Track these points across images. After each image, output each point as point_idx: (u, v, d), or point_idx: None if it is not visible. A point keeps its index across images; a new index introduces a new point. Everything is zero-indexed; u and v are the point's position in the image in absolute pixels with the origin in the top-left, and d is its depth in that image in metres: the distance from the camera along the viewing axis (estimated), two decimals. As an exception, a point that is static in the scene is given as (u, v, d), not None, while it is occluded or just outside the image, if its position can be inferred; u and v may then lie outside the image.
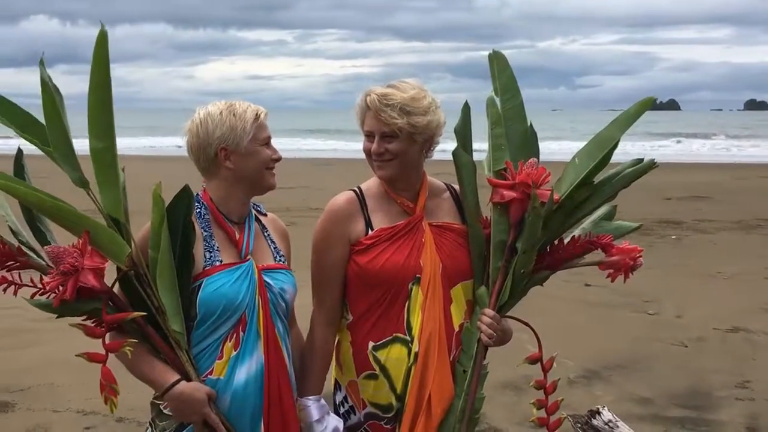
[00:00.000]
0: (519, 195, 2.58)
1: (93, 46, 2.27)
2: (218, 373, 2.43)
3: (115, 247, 2.32)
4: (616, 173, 2.63)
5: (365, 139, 2.66)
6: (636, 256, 2.57)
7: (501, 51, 2.76)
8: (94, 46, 2.26)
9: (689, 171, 23.26)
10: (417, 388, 2.60)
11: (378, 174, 2.67)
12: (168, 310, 2.35)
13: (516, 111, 2.70)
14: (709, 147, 37.20)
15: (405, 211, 2.68)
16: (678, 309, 8.12)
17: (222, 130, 2.46)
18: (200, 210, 2.53)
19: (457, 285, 2.67)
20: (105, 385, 2.31)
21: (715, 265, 10.12)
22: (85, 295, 2.28)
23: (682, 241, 11.94)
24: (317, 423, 2.61)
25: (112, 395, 2.31)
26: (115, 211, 2.36)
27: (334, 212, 2.67)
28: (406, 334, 2.62)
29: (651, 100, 2.65)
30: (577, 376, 6.12)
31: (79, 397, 5.53)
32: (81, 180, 2.36)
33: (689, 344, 6.97)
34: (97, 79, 2.29)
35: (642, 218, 13.69)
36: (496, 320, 2.62)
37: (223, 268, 2.45)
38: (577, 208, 2.62)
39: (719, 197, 16.76)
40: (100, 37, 2.26)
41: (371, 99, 2.59)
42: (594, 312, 7.97)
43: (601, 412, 4.51)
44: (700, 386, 5.97)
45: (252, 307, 2.47)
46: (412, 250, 2.63)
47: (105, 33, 2.27)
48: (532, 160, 2.61)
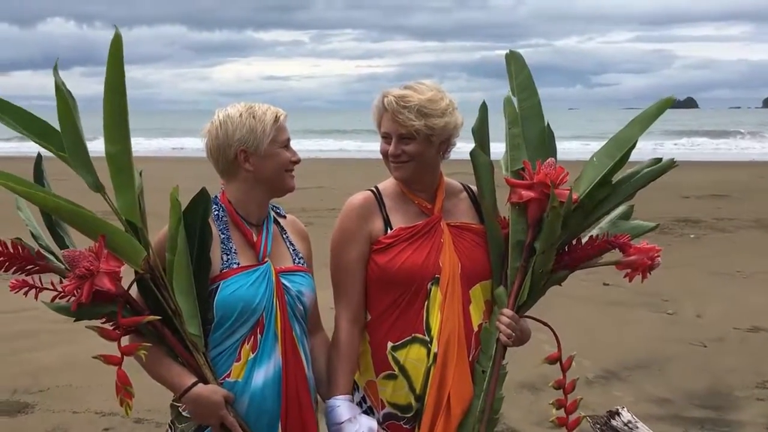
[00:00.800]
0: (537, 195, 2.58)
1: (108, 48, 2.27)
2: (236, 375, 2.43)
3: (131, 250, 2.32)
4: (635, 173, 2.63)
5: (382, 140, 2.66)
6: (654, 255, 2.56)
7: (517, 51, 2.77)
8: (108, 50, 2.26)
9: (707, 169, 23.10)
10: (436, 388, 2.59)
11: (394, 175, 2.67)
12: (184, 312, 2.36)
13: (533, 110, 2.71)
14: (727, 145, 36.92)
15: (423, 211, 2.68)
16: (697, 308, 8.06)
17: (242, 132, 2.46)
18: (218, 212, 2.53)
19: (475, 285, 2.67)
20: (120, 388, 2.32)
21: (735, 264, 10.04)
22: (101, 298, 2.29)
23: (701, 240, 11.86)
24: (349, 423, 2.56)
25: (128, 398, 2.32)
26: (131, 215, 2.37)
27: (354, 209, 2.67)
28: (425, 334, 2.61)
29: (671, 100, 2.64)
30: (596, 377, 6.09)
31: (97, 398, 5.55)
32: (96, 184, 2.37)
33: (709, 344, 6.92)
34: (111, 83, 2.29)
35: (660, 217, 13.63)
36: (515, 320, 2.62)
37: (241, 271, 2.45)
38: (595, 208, 2.62)
39: (738, 195, 16.64)
40: (114, 41, 2.26)
41: (388, 101, 2.59)
42: (612, 312, 7.93)
43: (620, 412, 4.48)
44: (720, 386, 5.93)
45: (270, 309, 2.46)
46: (431, 250, 2.62)
47: (120, 36, 2.26)
48: (550, 160, 2.61)
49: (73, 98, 2.33)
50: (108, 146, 2.33)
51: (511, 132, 2.70)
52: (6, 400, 5.63)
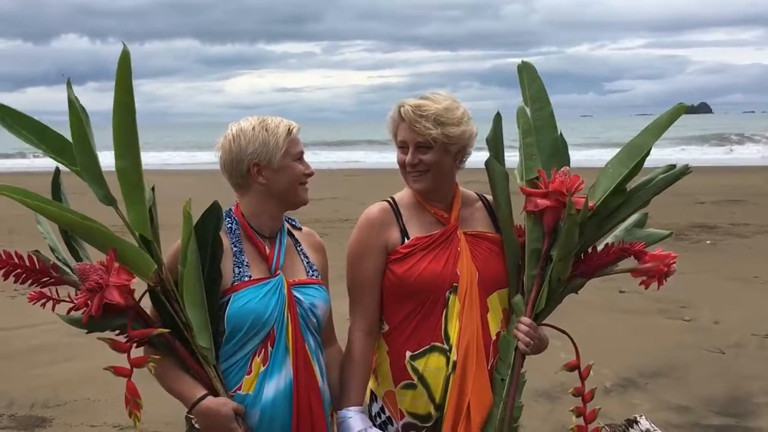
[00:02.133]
0: (553, 203, 2.60)
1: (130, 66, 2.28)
2: (247, 388, 2.43)
3: (141, 264, 2.33)
4: (649, 180, 2.63)
5: (399, 150, 2.66)
6: (670, 262, 2.56)
7: (529, 60, 2.80)
8: (117, 66, 2.27)
9: (722, 174, 22.98)
10: (456, 397, 2.59)
11: (414, 187, 2.67)
12: (194, 325, 2.36)
13: (546, 120, 2.73)
14: (741, 150, 36.73)
15: (439, 220, 2.68)
16: (714, 315, 8.00)
17: (255, 145, 2.46)
18: (231, 225, 2.54)
19: (493, 293, 2.67)
20: (129, 399, 2.34)
21: (752, 269, 9.97)
22: (112, 310, 2.31)
23: (717, 246, 11.78)
24: None
25: (136, 409, 2.34)
26: (141, 229, 2.39)
27: (370, 221, 2.68)
28: (444, 342, 2.61)
29: (684, 107, 2.65)
30: (613, 385, 6.05)
31: (115, 411, 5.56)
32: (108, 198, 2.38)
33: (727, 350, 6.87)
34: (120, 99, 2.31)
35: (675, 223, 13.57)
36: (533, 328, 2.62)
37: (252, 284, 2.46)
38: (610, 216, 2.63)
39: (754, 200, 16.54)
40: (122, 58, 2.27)
41: (405, 110, 2.60)
42: (629, 319, 7.89)
43: (638, 420, 4.44)
44: (739, 393, 5.88)
45: (281, 322, 2.46)
46: (449, 259, 2.63)
47: (127, 53, 2.28)
48: (565, 169, 2.63)
49: (86, 113, 2.35)
50: (118, 162, 2.35)
51: (525, 142, 2.72)
52: (24, 415, 5.65)
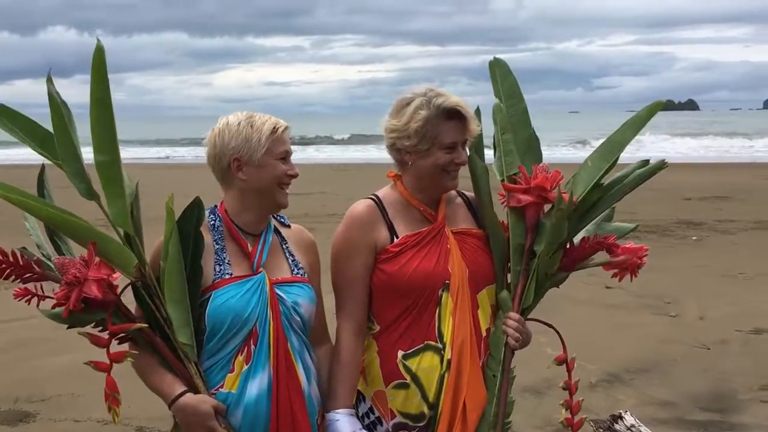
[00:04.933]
0: (534, 199, 2.62)
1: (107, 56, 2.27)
2: (229, 386, 2.42)
3: (122, 258, 2.32)
4: (625, 175, 2.65)
5: (442, 152, 2.56)
6: (642, 255, 2.59)
7: (501, 58, 2.80)
8: (92, 61, 2.26)
9: (708, 171, 23.10)
10: (451, 395, 2.57)
11: (451, 185, 2.64)
12: (175, 321, 2.35)
13: (520, 117, 2.75)
14: (728, 146, 36.91)
15: (426, 218, 2.66)
16: (700, 311, 8.05)
17: (237, 140, 2.45)
18: (215, 222, 2.52)
19: (482, 290, 2.67)
20: (108, 395, 2.33)
21: (737, 265, 10.02)
22: (93, 305, 2.30)
23: (703, 242, 11.83)
24: None
25: (115, 405, 2.34)
26: (122, 223, 2.37)
27: (357, 219, 2.64)
28: (437, 341, 2.59)
29: (661, 103, 2.68)
30: (599, 380, 6.08)
31: (99, 406, 5.44)
32: (89, 192, 2.37)
33: (712, 346, 6.90)
34: (97, 94, 2.29)
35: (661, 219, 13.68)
36: (521, 323, 2.63)
37: (233, 281, 2.44)
38: (589, 210, 2.64)
39: (739, 197, 16.62)
40: (97, 53, 2.26)
41: (462, 108, 2.55)
42: (614, 315, 7.92)
43: (623, 416, 4.46)
44: (724, 389, 5.91)
45: (263, 320, 2.44)
46: (440, 256, 2.61)
47: (102, 48, 2.26)
48: (544, 164, 2.66)
49: (67, 107, 2.34)
50: (97, 157, 2.34)
51: (504, 138, 2.73)
52: (8, 410, 5.62)
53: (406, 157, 2.61)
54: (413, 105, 2.56)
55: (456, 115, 2.56)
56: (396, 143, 2.60)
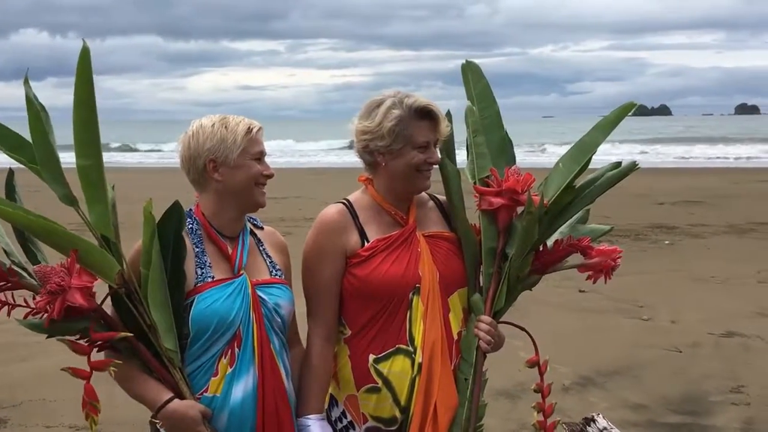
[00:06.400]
0: (506, 201, 2.62)
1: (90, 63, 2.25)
2: (214, 390, 2.41)
3: (104, 265, 2.30)
4: (597, 177, 2.67)
5: (415, 151, 2.58)
6: (616, 257, 2.60)
7: (474, 61, 2.82)
8: (77, 64, 2.24)
9: (681, 175, 23.34)
10: (423, 398, 2.58)
11: (424, 186, 2.65)
12: (160, 327, 2.34)
13: (493, 119, 2.76)
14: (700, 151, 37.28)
15: (397, 222, 2.67)
16: (672, 314, 8.12)
17: (212, 142, 2.45)
18: (192, 225, 2.51)
19: (453, 293, 2.67)
20: (87, 402, 2.30)
21: (709, 269, 10.13)
22: (74, 314, 2.27)
23: (676, 246, 11.95)
24: None
25: (93, 412, 2.31)
26: (104, 229, 2.35)
27: (327, 224, 2.63)
28: (408, 345, 2.59)
29: (632, 104, 2.71)
30: (572, 383, 6.11)
31: (71, 412, 5.48)
32: (69, 197, 2.35)
33: (684, 350, 6.97)
34: (80, 96, 2.27)
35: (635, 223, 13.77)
36: (493, 326, 2.63)
37: (215, 285, 2.43)
38: (561, 213, 2.66)
39: (712, 201, 16.81)
40: (82, 55, 2.24)
41: (433, 108, 2.58)
42: (588, 318, 7.97)
43: (595, 419, 4.49)
44: (695, 392, 5.97)
45: (246, 322, 2.44)
46: (410, 260, 2.61)
47: (87, 50, 2.25)
48: (516, 167, 2.66)
49: (45, 110, 2.31)
50: (79, 161, 2.32)
51: (476, 141, 2.74)
52: (-21, 415, 5.56)
53: (379, 158, 2.61)
54: (385, 105, 2.58)
55: (427, 114, 2.58)
56: (369, 145, 2.60)
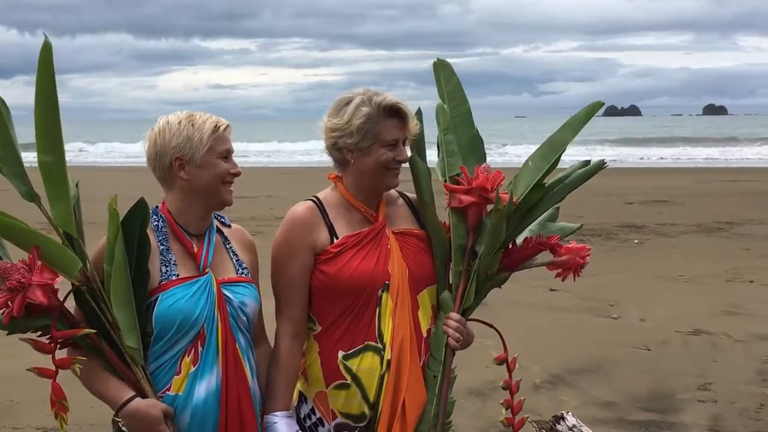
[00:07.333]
0: (476, 199, 2.63)
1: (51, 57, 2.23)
2: (176, 389, 2.39)
3: (66, 262, 2.28)
4: (566, 175, 2.69)
5: (384, 149, 2.58)
6: (585, 254, 2.62)
7: (445, 59, 2.83)
8: (38, 58, 2.22)
9: (650, 175, 23.58)
10: (391, 395, 2.58)
11: (393, 183, 2.66)
12: (122, 325, 2.32)
13: (464, 118, 2.78)
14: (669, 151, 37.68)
15: (367, 219, 2.67)
16: (641, 312, 8.20)
17: (178, 139, 2.43)
18: (157, 223, 2.49)
19: (423, 290, 2.68)
20: (55, 401, 2.28)
21: (677, 268, 10.24)
22: (35, 311, 2.24)
23: (645, 245, 12.06)
24: None
25: (62, 411, 2.29)
26: (66, 226, 2.33)
27: (297, 221, 2.63)
28: (377, 341, 2.59)
29: (600, 103, 2.74)
30: (543, 381, 6.15)
31: (38, 413, 5.42)
32: (30, 194, 2.32)
33: (652, 347, 7.04)
34: (42, 91, 2.25)
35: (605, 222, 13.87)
36: (462, 323, 2.64)
37: (180, 282, 2.42)
38: (530, 210, 2.67)
39: (680, 201, 16.99)
40: (44, 50, 2.23)
41: (402, 106, 2.59)
42: (558, 317, 8.02)
43: (565, 417, 4.52)
44: (663, 389, 6.03)
45: (211, 321, 2.42)
46: (380, 257, 2.62)
47: (49, 45, 2.23)
48: (486, 165, 2.67)
49: (6, 106, 2.29)
50: (41, 156, 2.29)
51: (446, 138, 2.75)
52: (-57, 418, 5.48)
53: (348, 156, 2.61)
54: (354, 103, 2.58)
55: (396, 113, 2.59)
56: (338, 142, 2.61)
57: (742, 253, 11.26)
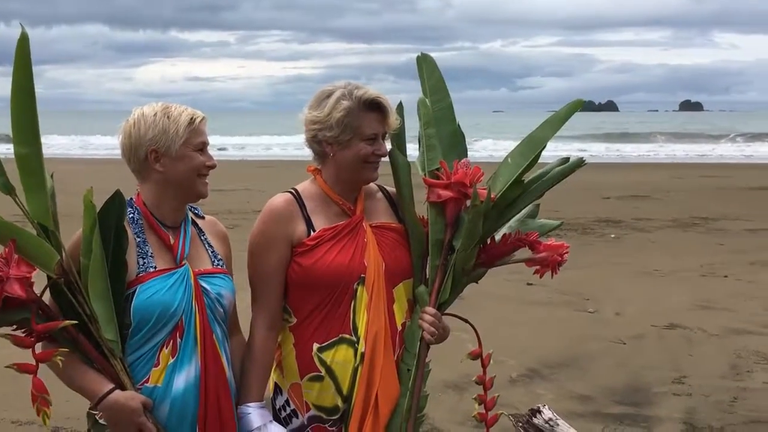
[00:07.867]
0: (455, 194, 2.64)
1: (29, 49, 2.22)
2: (155, 381, 2.39)
3: (43, 255, 2.26)
4: (545, 172, 2.70)
5: (364, 143, 2.58)
6: (563, 252, 2.63)
7: (429, 54, 2.82)
8: (15, 49, 2.21)
9: (627, 170, 23.75)
10: (364, 388, 2.59)
11: (372, 177, 2.66)
12: (100, 318, 2.30)
13: (445, 112, 2.78)
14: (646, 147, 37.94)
15: (345, 212, 2.67)
16: (617, 307, 8.26)
17: (154, 131, 2.41)
18: (133, 215, 2.48)
19: (399, 284, 2.68)
20: (37, 396, 2.26)
21: (653, 263, 10.32)
22: (12, 305, 2.22)
23: (621, 240, 12.15)
24: (258, 431, 2.55)
25: (45, 406, 2.26)
26: (42, 218, 2.31)
27: (274, 213, 2.63)
28: (352, 334, 2.60)
29: (580, 102, 2.75)
30: (519, 375, 6.18)
31: (14, 407, 5.38)
32: (6, 186, 2.30)
33: (628, 341, 7.10)
34: (19, 82, 2.24)
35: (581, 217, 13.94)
36: (437, 318, 2.65)
37: (158, 275, 2.41)
38: (509, 207, 2.67)
39: (657, 196, 17.13)
40: (21, 41, 2.21)
41: (382, 100, 2.59)
42: (535, 311, 8.07)
43: (541, 410, 4.55)
44: (639, 383, 6.08)
45: (189, 313, 2.42)
46: (356, 250, 2.62)
47: (26, 36, 2.22)
48: (465, 160, 2.68)
49: None
50: (17, 148, 2.28)
51: (427, 133, 2.75)
52: None
53: (327, 149, 2.61)
54: (335, 96, 2.58)
55: (376, 107, 2.59)
56: (317, 135, 2.61)
57: (716, 249, 11.39)
